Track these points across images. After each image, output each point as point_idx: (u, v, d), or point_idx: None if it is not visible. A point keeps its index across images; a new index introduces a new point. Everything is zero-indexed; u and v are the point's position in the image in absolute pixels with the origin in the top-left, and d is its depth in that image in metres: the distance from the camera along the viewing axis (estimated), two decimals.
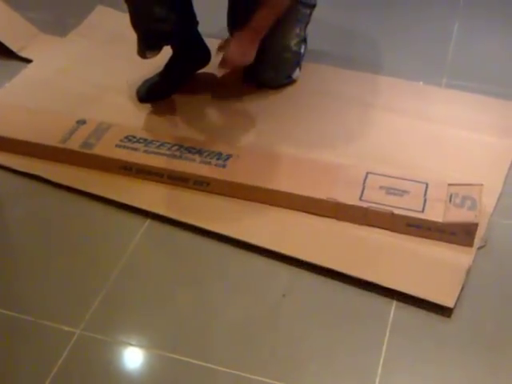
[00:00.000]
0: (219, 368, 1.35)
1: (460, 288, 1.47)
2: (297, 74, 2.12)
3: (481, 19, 2.45)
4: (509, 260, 1.58)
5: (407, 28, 2.41)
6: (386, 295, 1.48)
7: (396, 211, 1.59)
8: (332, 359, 1.37)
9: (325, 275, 1.52)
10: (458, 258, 1.54)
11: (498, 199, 1.70)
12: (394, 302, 1.47)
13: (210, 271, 1.57)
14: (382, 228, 1.61)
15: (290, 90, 2.09)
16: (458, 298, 1.45)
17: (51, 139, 1.82)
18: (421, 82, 2.13)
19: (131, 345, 1.41)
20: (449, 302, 1.44)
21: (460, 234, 1.56)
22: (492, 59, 2.25)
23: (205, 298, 1.50)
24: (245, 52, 1.91)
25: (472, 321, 1.44)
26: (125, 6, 2.04)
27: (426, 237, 1.58)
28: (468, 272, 1.50)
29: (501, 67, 2.20)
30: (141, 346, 1.41)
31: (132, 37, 1.93)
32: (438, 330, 1.43)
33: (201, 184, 1.71)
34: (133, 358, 1.41)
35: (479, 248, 1.57)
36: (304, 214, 1.65)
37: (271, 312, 1.47)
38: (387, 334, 1.41)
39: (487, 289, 1.51)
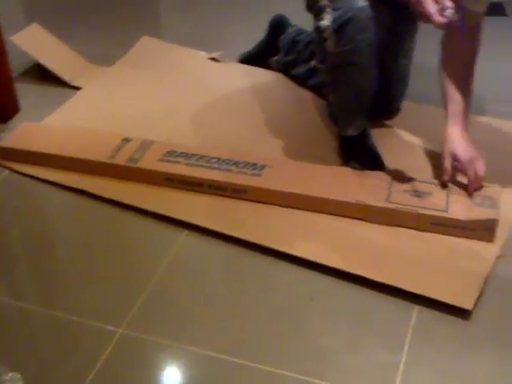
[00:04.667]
0: (251, 364, 1.42)
1: (478, 291, 1.52)
2: None
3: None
4: None
5: None
6: (408, 299, 1.54)
7: (421, 211, 1.68)
8: (356, 357, 1.44)
9: (348, 280, 1.59)
10: (478, 264, 1.59)
11: None
12: (416, 307, 1.52)
13: (244, 277, 1.65)
14: (409, 228, 1.69)
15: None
16: (477, 303, 1.50)
17: (99, 155, 1.94)
18: None
19: (169, 345, 1.48)
20: (467, 305, 1.49)
21: (482, 230, 1.64)
22: None
23: (238, 302, 1.59)
24: None
25: (489, 323, 1.49)
26: (169, 36, 2.12)
27: (450, 234, 1.66)
28: (487, 277, 1.55)
29: None
30: (178, 345, 1.47)
31: (173, 64, 2.00)
32: (458, 331, 1.48)
33: (239, 192, 1.82)
34: (171, 356, 1.48)
35: (498, 257, 1.61)
36: (334, 216, 1.75)
37: (299, 315, 1.54)
38: (409, 335, 1.47)
39: (506, 295, 1.56)
